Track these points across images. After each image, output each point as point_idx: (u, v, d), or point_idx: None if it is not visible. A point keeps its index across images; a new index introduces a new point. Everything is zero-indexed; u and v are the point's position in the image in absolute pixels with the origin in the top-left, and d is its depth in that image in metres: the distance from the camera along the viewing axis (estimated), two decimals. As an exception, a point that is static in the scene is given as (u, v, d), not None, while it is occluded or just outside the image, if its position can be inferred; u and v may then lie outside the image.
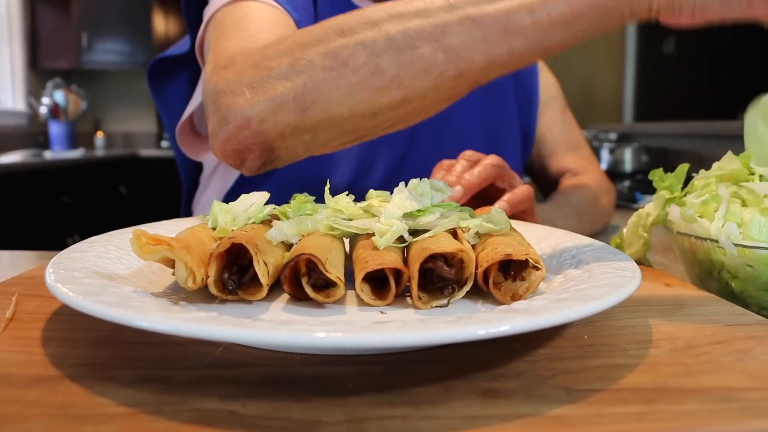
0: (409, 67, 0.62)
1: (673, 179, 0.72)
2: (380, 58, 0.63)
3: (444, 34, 0.62)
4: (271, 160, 0.71)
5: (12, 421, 0.34)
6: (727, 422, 0.35)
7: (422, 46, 0.62)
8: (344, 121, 0.66)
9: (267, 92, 0.66)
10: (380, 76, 0.63)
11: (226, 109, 0.69)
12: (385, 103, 0.64)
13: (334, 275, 0.48)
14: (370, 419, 0.35)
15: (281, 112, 0.66)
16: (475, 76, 0.63)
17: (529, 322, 0.38)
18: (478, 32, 0.61)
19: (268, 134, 0.67)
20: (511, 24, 0.60)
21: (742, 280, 0.61)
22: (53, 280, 0.44)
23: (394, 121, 0.67)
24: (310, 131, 0.67)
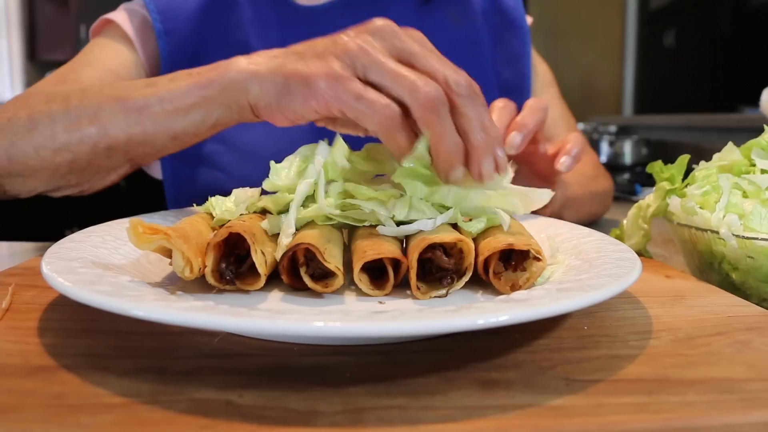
0: (73, 135, 0.75)
1: (674, 170, 0.72)
2: (56, 125, 0.76)
3: (100, 111, 0.74)
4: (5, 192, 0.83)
5: (8, 411, 0.34)
6: (727, 413, 0.35)
7: (83, 120, 0.74)
8: (37, 172, 0.78)
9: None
10: (54, 140, 0.76)
11: None
12: (61, 163, 0.77)
13: (333, 265, 0.47)
14: (368, 409, 0.35)
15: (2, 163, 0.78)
16: (122, 151, 0.75)
17: (528, 312, 0.38)
18: (121, 113, 0.73)
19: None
20: (146, 109, 0.71)
21: (743, 271, 0.61)
22: (49, 270, 0.44)
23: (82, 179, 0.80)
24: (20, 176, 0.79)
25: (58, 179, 0.80)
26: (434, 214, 0.53)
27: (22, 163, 0.78)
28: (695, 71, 3.68)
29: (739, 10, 3.22)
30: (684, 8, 3.81)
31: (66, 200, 1.26)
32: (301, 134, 0.95)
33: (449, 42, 1.14)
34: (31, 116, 0.78)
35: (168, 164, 1.04)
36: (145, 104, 0.72)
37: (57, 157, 0.76)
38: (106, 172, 0.80)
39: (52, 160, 0.77)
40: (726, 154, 0.70)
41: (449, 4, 1.16)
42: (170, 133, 0.72)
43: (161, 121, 0.71)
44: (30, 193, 0.83)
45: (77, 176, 0.79)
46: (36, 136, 0.77)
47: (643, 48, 4.51)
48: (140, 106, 0.72)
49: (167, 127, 0.71)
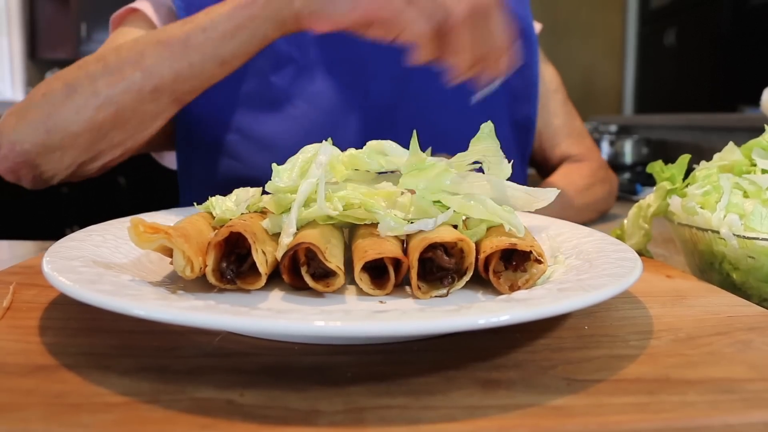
0: (117, 86, 0.77)
1: (675, 170, 0.72)
2: (97, 82, 0.78)
3: (142, 56, 0.77)
4: (40, 174, 0.83)
5: (9, 410, 0.34)
6: (728, 413, 0.35)
7: (126, 69, 0.77)
8: (80, 138, 0.79)
9: (25, 118, 0.80)
10: (97, 96, 0.77)
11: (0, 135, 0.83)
12: (104, 119, 0.78)
13: (334, 264, 0.47)
14: (369, 409, 0.35)
15: (33, 134, 0.79)
16: (169, 90, 0.78)
17: (529, 312, 0.38)
18: (165, 52, 0.76)
19: (28, 154, 0.80)
20: (190, 42, 0.75)
21: (744, 271, 0.61)
22: (50, 269, 0.44)
23: (123, 136, 0.81)
24: (59, 149, 0.80)
25: (101, 140, 0.80)
26: (435, 213, 0.53)
27: (62, 131, 0.78)
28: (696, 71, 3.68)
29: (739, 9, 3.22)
30: (684, 7, 3.81)
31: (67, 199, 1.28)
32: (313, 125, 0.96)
33: None
34: (68, 82, 0.79)
35: (183, 153, 1.05)
36: (188, 37, 0.75)
37: (100, 113, 0.78)
38: (152, 119, 0.81)
39: (95, 119, 0.78)
40: (727, 154, 0.70)
41: None
42: (218, 59, 0.76)
43: (208, 50, 0.75)
44: (66, 170, 0.83)
45: (121, 131, 0.80)
46: (76, 99, 0.78)
47: (644, 47, 4.51)
48: (183, 41, 0.75)
49: (215, 54, 0.75)
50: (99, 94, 0.77)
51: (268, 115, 0.98)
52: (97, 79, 0.77)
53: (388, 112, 1.08)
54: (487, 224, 0.54)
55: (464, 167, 0.56)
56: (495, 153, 0.56)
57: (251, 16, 0.72)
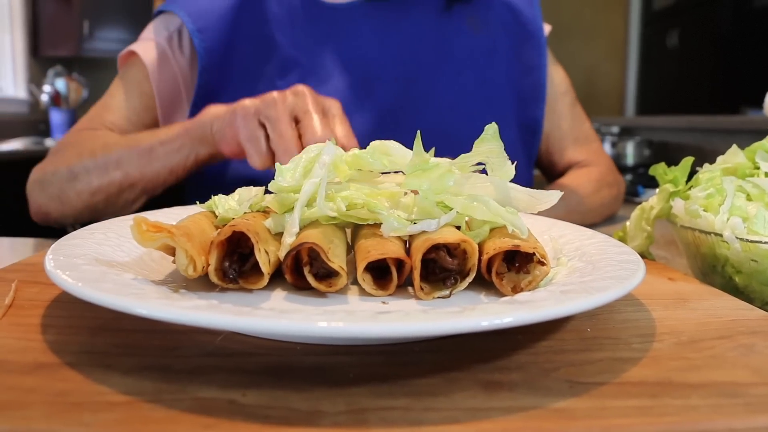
0: (104, 179, 1.00)
1: (678, 172, 0.72)
2: (91, 175, 1.01)
3: (120, 160, 0.99)
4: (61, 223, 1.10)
5: (10, 408, 0.34)
6: (731, 418, 0.35)
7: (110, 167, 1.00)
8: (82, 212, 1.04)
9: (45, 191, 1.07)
10: (90, 185, 1.01)
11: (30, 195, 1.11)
12: (97, 201, 1.02)
13: (337, 264, 0.47)
14: (371, 410, 0.35)
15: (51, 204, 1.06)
16: (140, 185, 0.99)
17: (532, 314, 0.38)
18: (136, 159, 0.98)
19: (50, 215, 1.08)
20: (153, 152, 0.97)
21: (746, 274, 0.61)
22: (53, 267, 0.44)
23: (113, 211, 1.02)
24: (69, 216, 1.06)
25: (95, 213, 1.02)
26: (438, 214, 0.53)
27: (69, 206, 1.04)
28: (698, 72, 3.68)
29: (741, 11, 3.22)
30: (687, 9, 3.81)
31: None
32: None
33: (467, 49, 1.16)
34: (71, 169, 1.03)
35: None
36: (152, 148, 0.97)
37: (94, 198, 1.01)
38: (132, 202, 1.03)
39: (91, 201, 1.02)
40: (730, 157, 0.70)
41: (470, 12, 1.16)
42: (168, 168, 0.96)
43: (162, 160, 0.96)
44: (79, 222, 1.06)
45: (111, 209, 1.02)
46: (77, 184, 1.02)
47: (646, 48, 4.51)
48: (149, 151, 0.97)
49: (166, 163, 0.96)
50: (92, 184, 1.01)
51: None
52: (91, 173, 1.01)
53: (392, 114, 1.08)
54: (490, 225, 0.54)
55: (468, 168, 0.56)
56: (499, 154, 0.55)
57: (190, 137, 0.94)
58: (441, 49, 1.15)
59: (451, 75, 1.15)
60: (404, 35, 1.13)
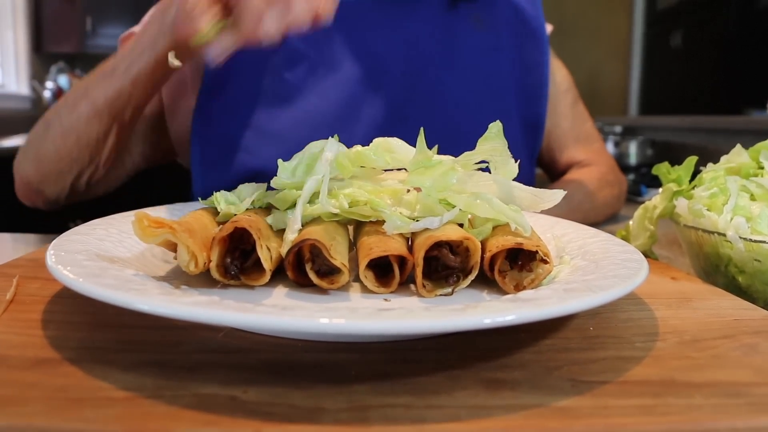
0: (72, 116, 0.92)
1: (681, 172, 0.71)
2: (61, 116, 0.93)
3: (87, 88, 0.91)
4: (46, 198, 1.00)
5: (11, 403, 0.34)
6: (734, 417, 0.35)
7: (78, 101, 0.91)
8: (59, 163, 0.94)
9: (24, 154, 1.00)
10: (62, 127, 0.93)
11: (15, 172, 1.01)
12: (70, 145, 0.93)
13: (339, 261, 0.47)
14: (373, 407, 0.35)
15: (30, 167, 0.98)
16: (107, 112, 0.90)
17: (536, 312, 0.38)
18: (102, 81, 0.90)
19: (31, 183, 0.99)
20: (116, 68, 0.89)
21: (749, 274, 0.61)
22: (54, 262, 0.44)
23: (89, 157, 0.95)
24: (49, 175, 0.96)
25: (74, 162, 0.94)
26: (441, 211, 0.53)
27: (46, 160, 0.95)
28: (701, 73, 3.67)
29: (746, 11, 3.22)
30: (691, 9, 3.80)
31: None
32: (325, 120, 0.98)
33: (472, 46, 1.16)
34: (45, 120, 0.97)
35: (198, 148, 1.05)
36: (115, 65, 0.89)
37: (66, 140, 0.92)
38: (103, 138, 0.93)
39: (64, 145, 0.92)
40: (734, 157, 0.70)
41: (475, 10, 1.16)
42: (131, 78, 0.88)
43: (126, 73, 0.88)
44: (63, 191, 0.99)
45: (86, 151, 0.94)
46: (50, 131, 0.94)
47: (650, 49, 4.50)
48: (112, 68, 0.89)
49: (128, 74, 0.88)
50: (63, 125, 0.93)
51: (281, 111, 1.00)
52: (61, 114, 0.94)
53: (401, 108, 1.08)
54: (492, 223, 0.53)
55: (471, 166, 0.56)
56: (502, 153, 0.55)
57: (146, 38, 0.85)
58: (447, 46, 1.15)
59: (456, 71, 1.15)
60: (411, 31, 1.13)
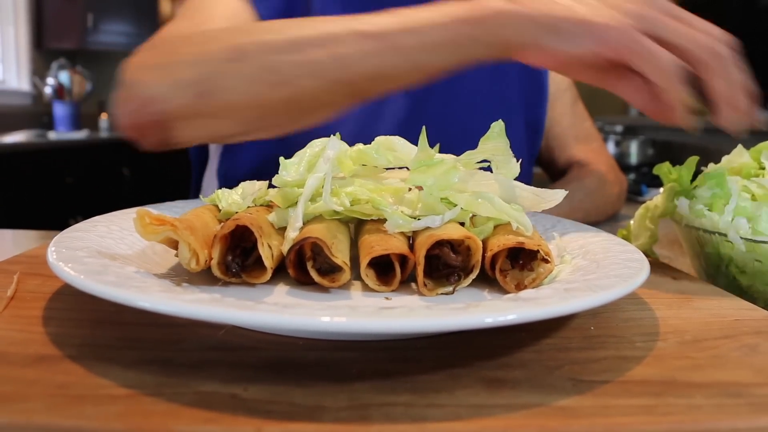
0: (301, 67, 0.67)
1: (682, 172, 0.71)
2: (277, 56, 0.68)
3: (336, 42, 0.67)
4: (168, 138, 0.74)
5: (11, 400, 0.34)
6: (735, 418, 0.35)
7: (315, 51, 0.67)
8: (239, 111, 0.71)
9: (170, 75, 0.71)
10: (274, 72, 0.68)
11: (132, 86, 0.74)
12: (276, 98, 0.69)
13: (340, 260, 0.47)
14: (374, 406, 0.35)
15: (180, 96, 0.70)
16: (359, 85, 0.69)
17: (537, 311, 0.38)
18: (366, 45, 0.66)
19: (166, 114, 0.71)
20: (396, 41, 0.65)
21: (750, 275, 0.61)
22: (55, 259, 0.44)
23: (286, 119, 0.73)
24: (207, 116, 0.72)
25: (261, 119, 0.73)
26: (443, 210, 0.53)
27: (218, 100, 0.70)
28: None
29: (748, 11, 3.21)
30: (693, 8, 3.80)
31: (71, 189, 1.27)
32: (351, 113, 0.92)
33: None
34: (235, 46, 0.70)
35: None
36: (394, 36, 0.66)
37: (274, 92, 0.69)
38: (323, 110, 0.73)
39: (266, 96, 0.69)
40: (735, 157, 0.70)
41: None
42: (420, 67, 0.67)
43: (413, 55, 0.66)
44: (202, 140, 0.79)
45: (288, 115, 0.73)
46: (244, 68, 0.69)
47: (651, 48, 4.49)
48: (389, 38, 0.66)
49: (418, 60, 0.67)
50: (277, 70, 0.67)
51: None
52: (276, 53, 0.68)
53: (420, 104, 1.07)
54: (494, 222, 0.53)
55: (473, 165, 0.56)
56: (504, 152, 0.55)
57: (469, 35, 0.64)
58: None
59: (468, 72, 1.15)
60: None
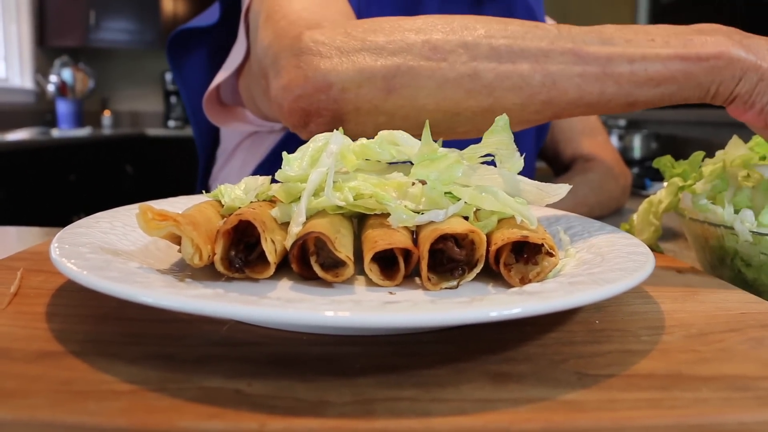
0: (506, 78, 0.63)
1: (686, 166, 0.71)
2: (480, 62, 0.64)
3: (546, 58, 0.63)
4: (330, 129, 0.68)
5: (15, 396, 0.34)
6: (742, 411, 0.35)
7: (523, 64, 0.63)
8: (424, 113, 0.66)
9: (356, 63, 0.66)
10: (475, 79, 0.64)
11: (309, 68, 0.67)
12: (471, 107, 0.65)
13: (343, 254, 0.47)
14: (378, 400, 0.35)
15: (366, 87, 0.65)
16: (561, 107, 0.65)
17: (542, 305, 0.37)
18: (578, 66, 0.63)
19: (345, 104, 0.67)
20: (610, 68, 0.62)
21: (756, 268, 0.60)
22: (58, 255, 0.44)
23: (470, 127, 0.68)
24: (388, 114, 0.66)
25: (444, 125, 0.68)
26: (446, 204, 0.53)
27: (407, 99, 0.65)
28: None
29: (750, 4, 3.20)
30: (695, 2, 3.79)
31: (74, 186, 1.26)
32: None
33: None
34: (433, 44, 0.65)
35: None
36: (610, 62, 0.63)
37: (471, 99, 0.65)
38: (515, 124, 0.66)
39: (460, 103, 0.65)
40: (731, 149, 0.70)
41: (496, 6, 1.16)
42: (630, 99, 0.64)
43: (625, 86, 0.63)
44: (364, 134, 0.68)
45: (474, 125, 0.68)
46: (442, 69, 0.64)
47: (654, 42, 4.48)
48: (603, 63, 0.63)
49: (630, 93, 0.63)
50: (478, 77, 0.64)
51: None
52: (479, 59, 0.64)
53: None
54: (498, 216, 0.53)
55: (476, 159, 0.56)
56: (508, 146, 0.55)
57: (687, 72, 0.61)
58: None
59: None
60: None
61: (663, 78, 0.62)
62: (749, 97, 0.61)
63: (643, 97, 0.63)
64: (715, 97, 0.62)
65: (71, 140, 4.22)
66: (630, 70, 0.62)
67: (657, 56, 0.62)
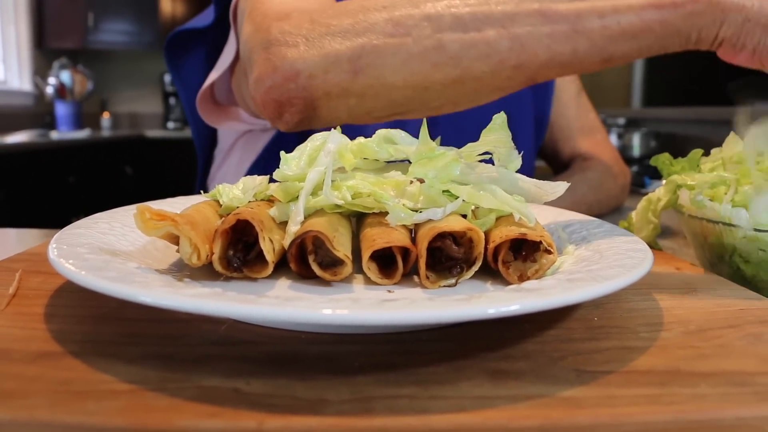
0: (472, 47, 0.62)
1: (685, 164, 0.71)
2: (444, 34, 0.63)
3: (512, 22, 0.62)
4: (310, 118, 0.70)
5: (14, 397, 0.34)
6: (740, 406, 0.35)
7: (488, 30, 0.62)
8: (394, 91, 0.65)
9: (322, 48, 0.65)
10: (441, 51, 0.63)
11: (276, 59, 0.67)
12: (439, 79, 0.64)
13: (342, 253, 0.47)
14: (377, 398, 0.35)
15: (333, 71, 0.65)
16: (533, 70, 0.63)
17: (540, 302, 0.37)
18: (545, 27, 0.61)
19: (314, 90, 0.66)
20: (580, 25, 0.61)
21: (754, 264, 0.60)
22: (56, 256, 0.44)
23: (443, 101, 0.67)
24: (358, 96, 0.66)
25: (418, 101, 0.67)
26: (444, 202, 0.53)
27: (374, 78, 0.65)
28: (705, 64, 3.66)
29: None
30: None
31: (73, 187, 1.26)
32: None
33: None
34: (395, 20, 0.64)
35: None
36: (578, 18, 0.61)
37: (438, 72, 0.64)
38: (489, 94, 0.67)
39: (428, 76, 0.64)
40: (728, 146, 0.70)
41: None
42: (605, 55, 0.62)
43: (599, 41, 0.61)
44: (346, 120, 0.70)
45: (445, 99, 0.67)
46: (406, 44, 0.63)
47: (653, 40, 4.47)
48: (571, 21, 0.61)
49: (604, 48, 0.62)
50: (443, 49, 0.62)
51: None
52: (443, 30, 0.63)
53: None
54: (496, 214, 0.53)
55: (474, 157, 0.56)
56: (506, 144, 0.55)
57: (663, 21, 0.59)
58: None
59: None
60: None
61: (638, 30, 0.60)
62: (737, 39, 0.59)
63: (619, 52, 0.62)
64: (698, 43, 0.61)
65: (70, 142, 4.22)
66: (601, 24, 0.61)
67: (629, 7, 0.60)
